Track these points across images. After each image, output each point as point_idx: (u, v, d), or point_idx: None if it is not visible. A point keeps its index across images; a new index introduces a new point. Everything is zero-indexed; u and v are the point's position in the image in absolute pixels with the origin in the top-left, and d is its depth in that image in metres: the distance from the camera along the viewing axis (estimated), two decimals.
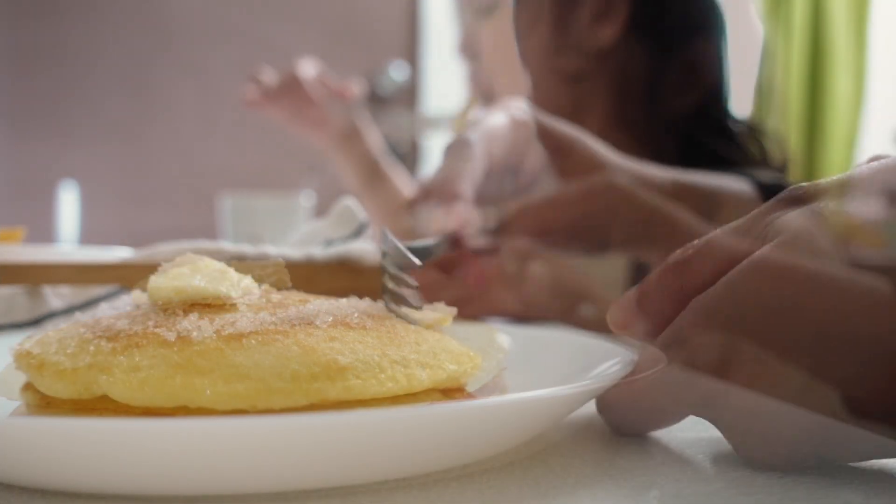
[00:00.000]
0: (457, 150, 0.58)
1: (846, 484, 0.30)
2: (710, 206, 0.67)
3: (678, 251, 0.35)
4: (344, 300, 0.37)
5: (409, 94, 2.58)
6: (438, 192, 0.56)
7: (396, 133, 2.53)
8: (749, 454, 0.32)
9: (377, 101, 2.56)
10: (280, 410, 0.29)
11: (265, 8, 2.53)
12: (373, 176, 1.42)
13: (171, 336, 0.31)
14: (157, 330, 0.32)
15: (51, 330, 0.37)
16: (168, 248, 0.58)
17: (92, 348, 0.32)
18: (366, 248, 0.61)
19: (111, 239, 2.11)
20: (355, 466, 0.28)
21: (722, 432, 0.33)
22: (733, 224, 0.34)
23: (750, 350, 0.30)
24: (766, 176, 0.78)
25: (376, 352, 0.32)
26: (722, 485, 0.30)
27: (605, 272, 1.05)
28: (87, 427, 0.25)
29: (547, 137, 0.62)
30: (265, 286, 0.40)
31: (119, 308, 0.37)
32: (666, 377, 0.33)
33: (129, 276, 0.57)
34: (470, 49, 1.09)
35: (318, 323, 0.33)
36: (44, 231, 2.36)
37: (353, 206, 0.64)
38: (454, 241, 0.56)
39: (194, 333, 0.31)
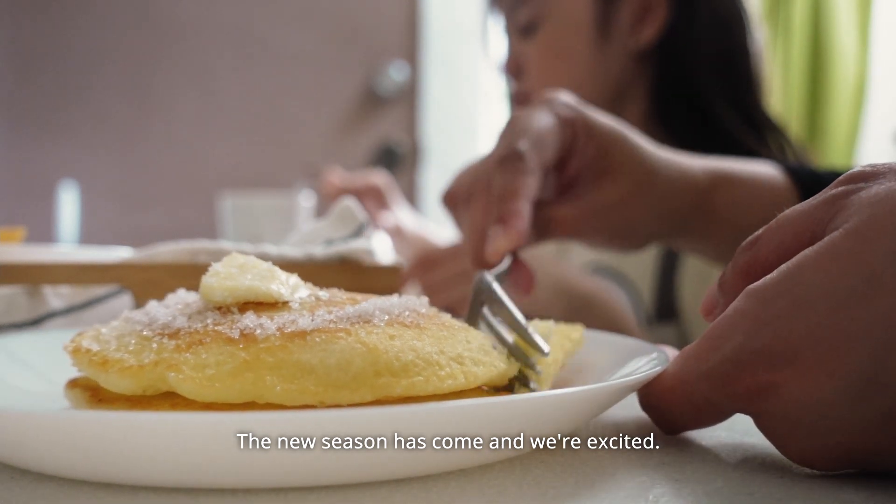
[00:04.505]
0: (512, 163, 0.55)
1: (846, 484, 0.30)
2: (746, 193, 0.67)
3: (751, 236, 0.36)
4: (395, 298, 0.37)
5: (409, 94, 2.58)
6: (498, 210, 0.54)
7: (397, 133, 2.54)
8: (793, 454, 0.32)
9: (377, 101, 2.56)
10: (346, 406, 0.30)
11: (265, 8, 2.53)
12: None
13: (235, 334, 0.32)
14: (218, 328, 0.33)
15: (101, 327, 0.37)
16: (168, 248, 0.58)
17: (154, 345, 0.33)
18: (366, 248, 0.60)
19: (111, 239, 2.12)
20: (433, 458, 0.29)
21: (764, 430, 0.33)
22: (802, 203, 0.34)
23: (812, 342, 0.30)
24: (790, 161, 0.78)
25: (434, 349, 0.33)
26: (722, 485, 0.30)
27: (638, 264, 1.05)
28: (167, 420, 0.26)
29: (593, 133, 0.60)
30: (309, 284, 0.40)
31: (170, 306, 0.37)
32: (717, 370, 0.32)
33: (129, 276, 0.57)
34: (515, 68, 1.10)
35: (375, 321, 0.34)
36: (44, 231, 2.36)
37: (352, 206, 0.64)
38: (517, 270, 0.55)
39: (258, 331, 0.32)
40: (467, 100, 2.57)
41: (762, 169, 0.69)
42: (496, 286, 0.46)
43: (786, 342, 0.30)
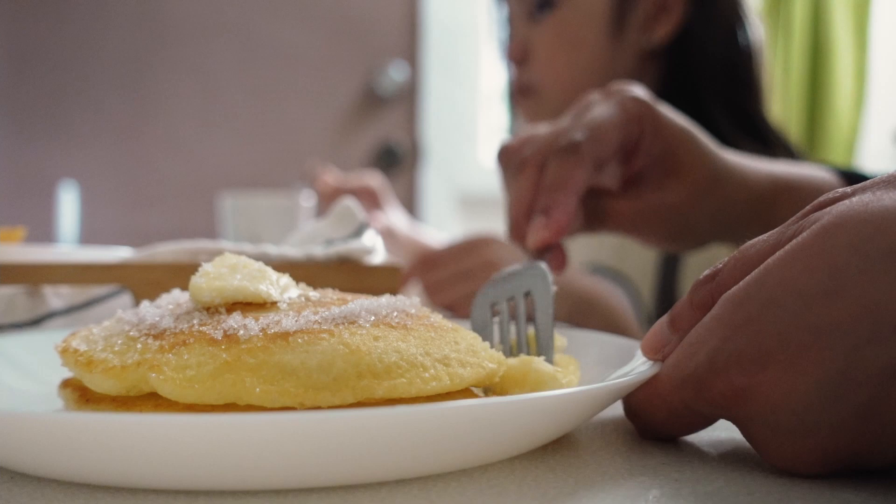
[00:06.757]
0: (567, 154, 0.55)
1: (846, 484, 0.30)
2: (807, 202, 0.67)
3: (707, 270, 0.36)
4: (384, 298, 0.37)
5: (409, 94, 2.58)
6: (545, 199, 0.54)
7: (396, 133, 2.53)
8: (774, 458, 0.31)
9: (377, 101, 2.56)
10: (327, 408, 0.30)
11: (265, 8, 2.53)
12: None
13: (218, 335, 0.32)
14: (202, 329, 0.33)
15: (93, 327, 0.37)
16: (168, 248, 0.58)
17: (139, 346, 0.33)
18: (366, 248, 0.60)
19: (111, 239, 2.12)
20: (413, 459, 0.29)
21: (746, 435, 0.33)
22: (764, 235, 0.34)
23: (782, 343, 0.30)
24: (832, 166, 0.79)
25: (419, 351, 0.33)
26: (722, 484, 0.30)
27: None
28: (141, 422, 0.26)
29: (661, 132, 0.59)
30: (302, 284, 0.40)
31: (161, 306, 0.37)
32: (694, 376, 0.32)
33: (129, 276, 0.57)
34: (520, 53, 1.09)
35: (361, 322, 0.34)
36: (44, 231, 2.36)
37: (352, 205, 0.64)
38: (552, 250, 0.55)
39: (241, 332, 0.32)
40: (467, 100, 2.57)
41: (820, 175, 0.69)
42: (551, 284, 0.46)
43: (757, 345, 0.30)
